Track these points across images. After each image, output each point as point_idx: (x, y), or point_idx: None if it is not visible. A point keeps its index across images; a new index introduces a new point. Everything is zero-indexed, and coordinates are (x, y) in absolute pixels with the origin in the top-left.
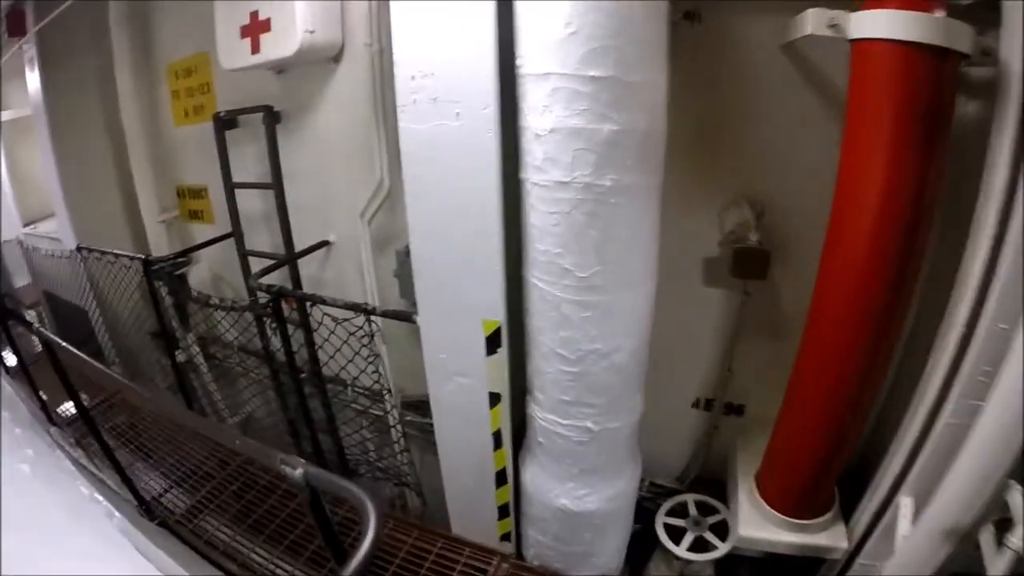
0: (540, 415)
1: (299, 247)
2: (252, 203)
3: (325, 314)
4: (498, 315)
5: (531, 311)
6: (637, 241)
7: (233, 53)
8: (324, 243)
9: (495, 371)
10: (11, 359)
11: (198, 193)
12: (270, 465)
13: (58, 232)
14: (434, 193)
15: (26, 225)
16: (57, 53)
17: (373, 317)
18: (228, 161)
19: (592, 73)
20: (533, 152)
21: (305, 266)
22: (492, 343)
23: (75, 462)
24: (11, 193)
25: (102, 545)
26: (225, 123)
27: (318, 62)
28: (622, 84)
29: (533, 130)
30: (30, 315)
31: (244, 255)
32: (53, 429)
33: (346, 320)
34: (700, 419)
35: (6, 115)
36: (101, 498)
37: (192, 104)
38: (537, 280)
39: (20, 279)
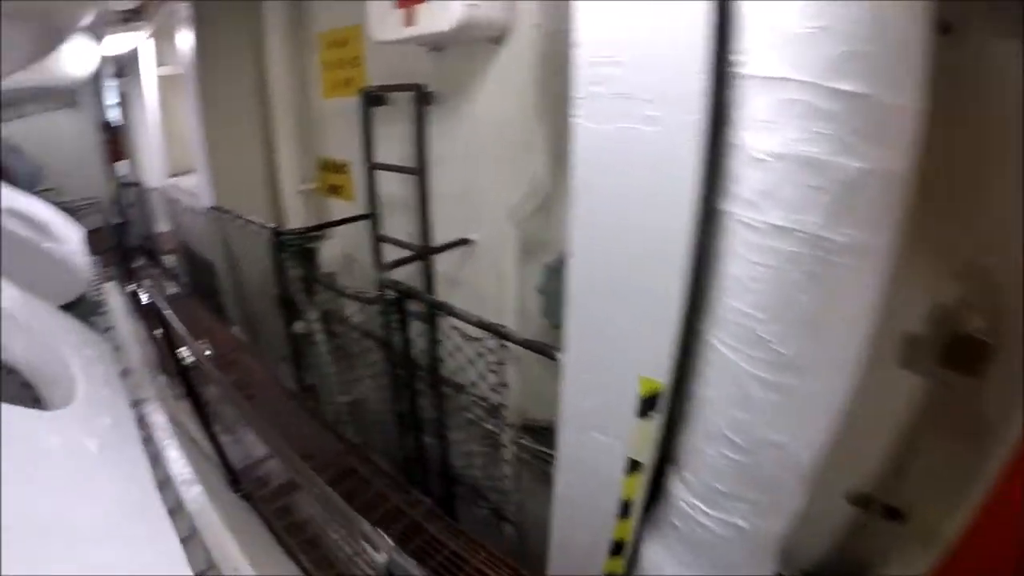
0: (683, 497)
1: (438, 240)
2: (393, 186)
3: (453, 327)
4: (661, 376)
5: (702, 376)
6: (861, 318)
7: (385, 24)
8: (464, 241)
9: (643, 438)
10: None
11: (340, 168)
12: (351, 532)
13: (197, 188)
14: (606, 209)
15: (171, 176)
16: (211, 14)
17: (508, 343)
18: (371, 139)
19: (842, 86)
20: (746, 180)
21: (441, 261)
22: (647, 406)
23: (173, 419)
24: (161, 144)
25: (140, 554)
26: (372, 99)
27: (479, 41)
28: (878, 107)
29: (750, 151)
30: (167, 260)
31: (378, 239)
32: (162, 378)
33: (476, 340)
34: (849, 513)
35: (162, 70)
36: (185, 467)
37: (342, 76)
38: (719, 343)
39: (163, 226)
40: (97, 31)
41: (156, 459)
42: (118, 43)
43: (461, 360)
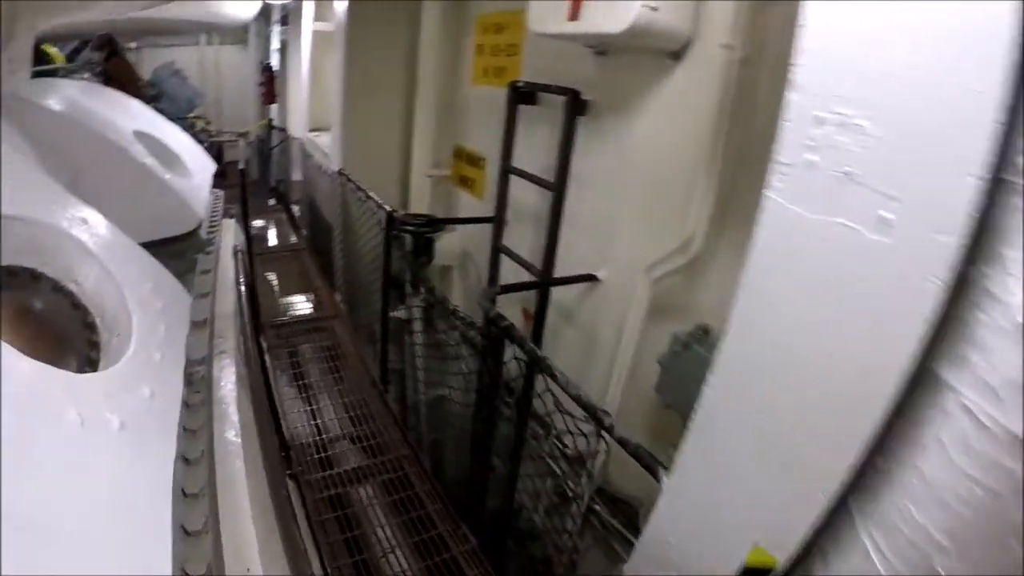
0: None
1: (560, 265)
2: (527, 195)
3: (549, 389)
4: (781, 553)
5: None
6: None
7: (548, 15)
8: (589, 277)
9: None
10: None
11: (475, 161)
12: None
13: (329, 148)
14: (781, 321)
15: (311, 130)
16: None
17: (606, 435)
18: (513, 139)
19: None
20: (995, 355)
21: (560, 288)
22: None
23: (243, 380)
24: (307, 97)
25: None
26: (522, 95)
27: (652, 52)
28: None
29: (1014, 315)
30: (295, 208)
31: (497, 249)
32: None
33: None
34: None
35: (318, 25)
36: (235, 438)
37: (494, 64)
38: (873, 549)
39: (297, 175)
40: None
41: (203, 426)
42: None
43: (552, 404)
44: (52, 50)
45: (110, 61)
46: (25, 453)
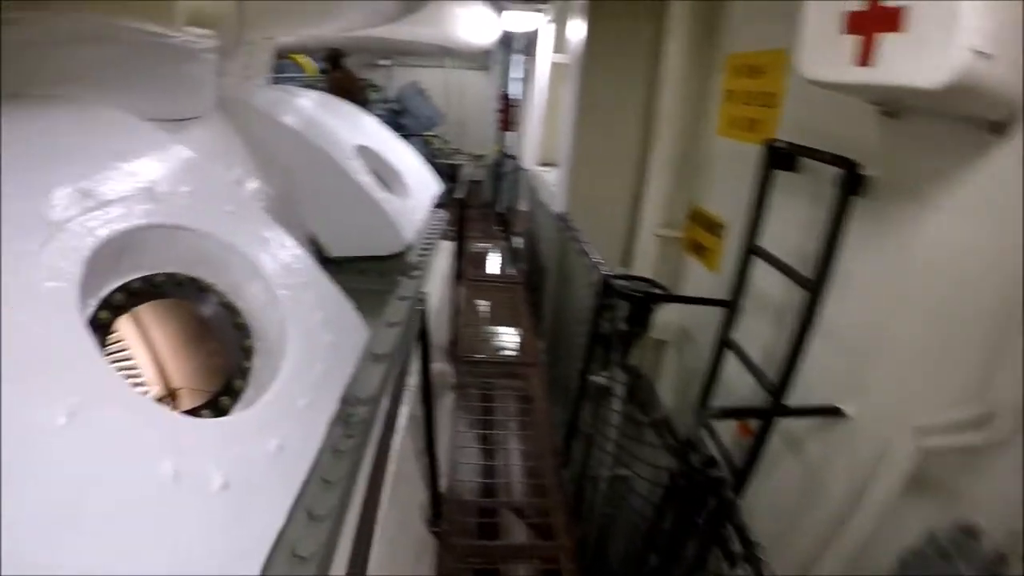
0: None
1: (799, 379)
2: (772, 282)
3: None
4: None
5: None
6: None
7: (824, 56)
8: (834, 411)
9: None
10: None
11: (713, 227)
12: None
13: (554, 187)
14: None
15: (541, 164)
16: (608, 6)
17: None
18: (761, 212)
19: None
20: None
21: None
22: None
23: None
24: (539, 130)
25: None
26: (778, 158)
27: (965, 120)
28: None
29: None
30: (516, 240)
31: (724, 342)
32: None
33: None
34: None
35: (556, 57)
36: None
37: (745, 114)
38: None
39: (523, 205)
40: (499, 5)
41: (344, 478)
42: (523, 21)
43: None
44: (304, 60)
45: (334, 71)
46: (91, 505)
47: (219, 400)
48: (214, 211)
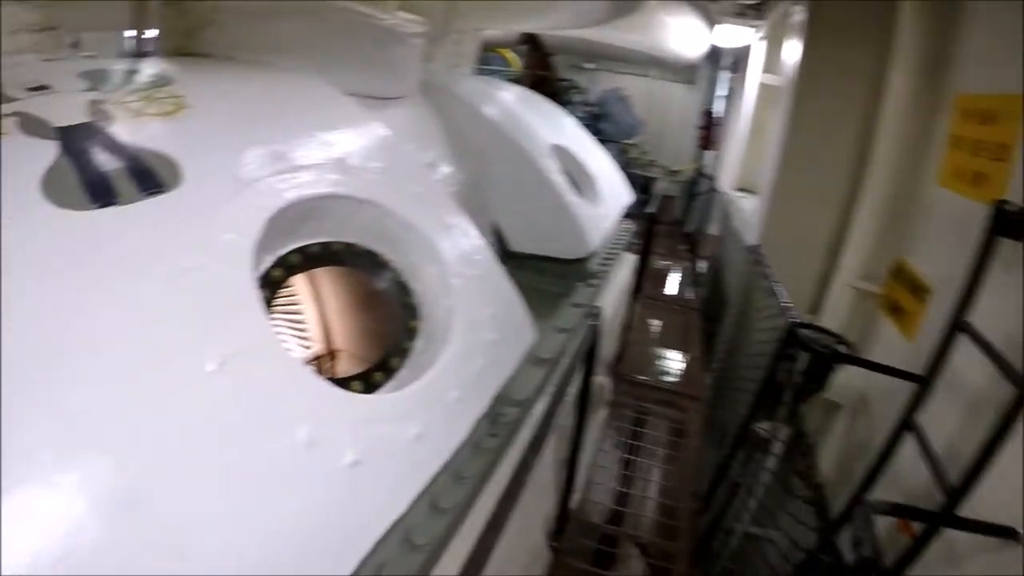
0: None
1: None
2: (977, 369)
3: None
4: None
5: None
6: None
7: None
8: (1009, 532)
9: None
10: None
11: (917, 289)
12: None
13: (750, 216)
14: None
15: (738, 189)
16: (828, 28)
17: None
18: (978, 284)
19: None
20: None
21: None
22: None
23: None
24: (740, 154)
25: None
26: (1007, 223)
27: None
28: None
29: None
30: (700, 264)
31: (906, 423)
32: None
33: None
34: None
35: (765, 78)
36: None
37: (973, 166)
38: None
39: (714, 229)
40: (711, 17)
41: (477, 476)
42: (733, 36)
43: None
44: (511, 56)
45: (532, 55)
46: (220, 453)
47: (373, 374)
48: (402, 190)
